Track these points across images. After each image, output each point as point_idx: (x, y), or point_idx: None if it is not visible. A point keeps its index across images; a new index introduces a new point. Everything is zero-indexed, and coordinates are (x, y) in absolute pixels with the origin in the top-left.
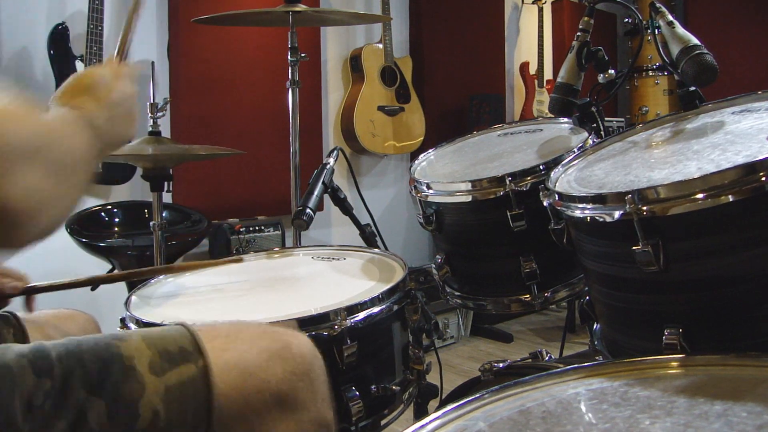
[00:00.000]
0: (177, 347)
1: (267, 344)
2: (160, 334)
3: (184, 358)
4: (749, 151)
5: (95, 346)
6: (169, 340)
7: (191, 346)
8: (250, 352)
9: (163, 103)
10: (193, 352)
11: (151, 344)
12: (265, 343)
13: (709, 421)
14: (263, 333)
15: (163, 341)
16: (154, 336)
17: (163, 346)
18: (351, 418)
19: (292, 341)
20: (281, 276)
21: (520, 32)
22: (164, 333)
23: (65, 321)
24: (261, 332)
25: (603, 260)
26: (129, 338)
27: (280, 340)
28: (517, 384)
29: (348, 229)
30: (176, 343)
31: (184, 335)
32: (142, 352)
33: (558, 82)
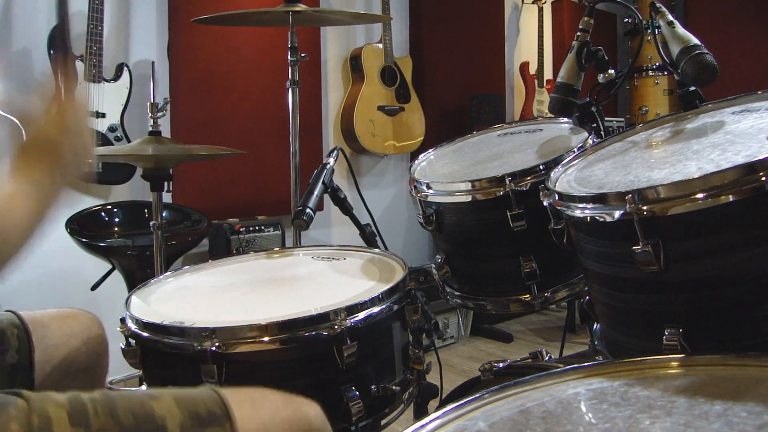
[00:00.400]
0: (207, 410)
1: (287, 414)
2: (191, 396)
3: (214, 422)
4: (749, 151)
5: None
6: (200, 403)
7: (220, 410)
8: (273, 421)
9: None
10: (221, 417)
11: (182, 405)
12: (286, 413)
13: (709, 421)
14: (285, 403)
15: (194, 403)
16: (186, 397)
17: (194, 409)
18: (351, 418)
19: (310, 413)
20: (281, 276)
21: (520, 32)
22: (195, 395)
23: (68, 321)
24: (283, 402)
25: (603, 260)
26: (161, 398)
27: (301, 411)
28: (517, 384)
29: (348, 229)
30: (206, 407)
31: (214, 399)
32: (173, 412)
33: (558, 82)
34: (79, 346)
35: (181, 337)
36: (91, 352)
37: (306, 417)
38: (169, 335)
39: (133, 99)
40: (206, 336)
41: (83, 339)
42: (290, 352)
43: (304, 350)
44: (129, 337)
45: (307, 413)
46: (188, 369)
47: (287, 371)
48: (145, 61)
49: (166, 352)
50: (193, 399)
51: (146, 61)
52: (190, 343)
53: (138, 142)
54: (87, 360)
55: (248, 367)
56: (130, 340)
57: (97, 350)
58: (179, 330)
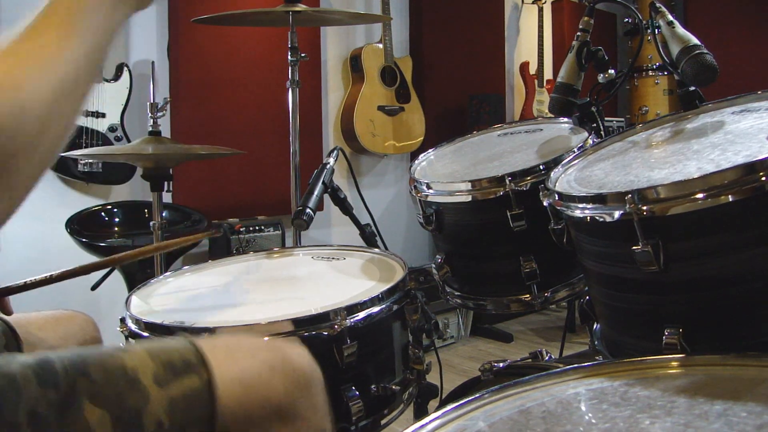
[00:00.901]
0: (181, 359)
1: (268, 358)
2: (163, 347)
3: (188, 370)
4: (749, 151)
5: (99, 358)
6: (173, 353)
7: (195, 358)
8: (252, 365)
9: (163, 103)
10: (197, 364)
11: (155, 356)
12: (267, 356)
13: (709, 421)
14: (264, 346)
15: (167, 353)
16: (158, 348)
17: (167, 358)
18: (351, 418)
19: (293, 355)
20: (281, 276)
21: (520, 32)
22: (168, 345)
23: (63, 322)
24: (262, 346)
25: (603, 260)
26: (133, 350)
27: (280, 353)
28: (517, 384)
29: (348, 229)
30: (180, 356)
31: (187, 348)
32: (146, 363)
33: (558, 82)
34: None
35: None
36: None
37: (287, 358)
38: (170, 335)
39: (133, 99)
40: (206, 336)
41: (79, 341)
42: None
43: None
44: (129, 337)
45: (288, 354)
46: None
47: None
48: (145, 61)
49: None
50: (166, 349)
51: (146, 61)
52: None
53: (138, 142)
54: None
55: None
56: (130, 340)
57: None
58: (179, 330)
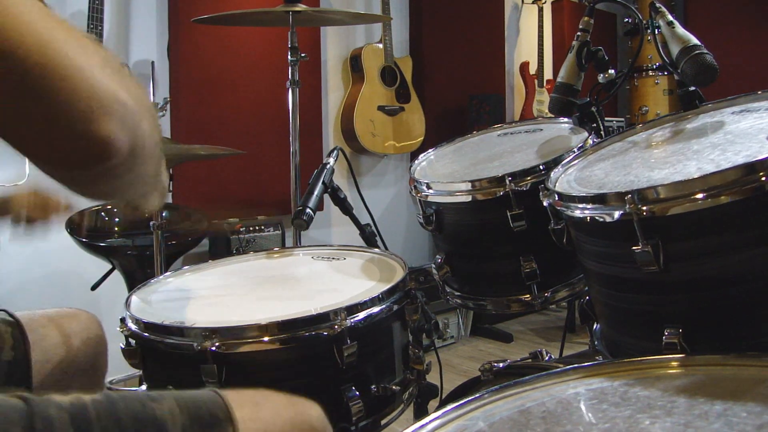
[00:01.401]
0: (209, 413)
1: (289, 416)
2: (193, 399)
3: (216, 424)
4: (749, 151)
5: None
6: (201, 405)
7: (222, 413)
8: (275, 424)
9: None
10: (223, 420)
11: (183, 408)
12: (288, 415)
13: (709, 421)
14: (287, 404)
15: (196, 406)
16: (188, 400)
17: (195, 411)
18: (351, 418)
19: (312, 414)
20: (281, 276)
21: (520, 32)
22: (197, 397)
23: (67, 320)
24: (285, 403)
25: (603, 260)
26: (163, 400)
27: (302, 413)
28: (517, 384)
29: (348, 229)
30: (208, 409)
31: (215, 401)
32: (175, 415)
33: (558, 82)
34: (79, 345)
35: (182, 337)
36: (90, 352)
37: (308, 419)
38: (170, 335)
39: None
40: (206, 336)
41: (82, 339)
42: (290, 352)
43: (304, 350)
44: (129, 337)
45: (309, 415)
46: (188, 369)
47: (287, 371)
48: (145, 61)
49: (166, 352)
50: (195, 401)
51: (146, 61)
52: (190, 343)
53: None
54: (86, 360)
55: (248, 367)
56: (130, 340)
57: (96, 350)
58: (179, 330)
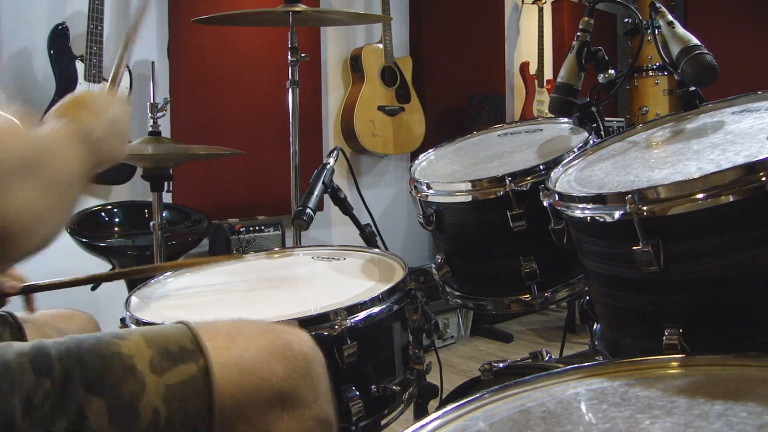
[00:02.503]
0: (177, 346)
1: (268, 342)
2: (160, 333)
3: (185, 356)
4: (749, 151)
5: (95, 345)
6: (170, 339)
7: (192, 344)
8: (250, 350)
9: (163, 103)
10: (193, 350)
11: (151, 343)
12: (266, 341)
13: (709, 421)
14: (264, 331)
15: (164, 340)
16: (155, 334)
17: (163, 345)
18: (351, 418)
19: (293, 339)
20: (281, 276)
21: (520, 32)
22: (165, 331)
23: (65, 321)
24: (262, 330)
25: (603, 260)
26: (129, 337)
27: (281, 338)
28: (517, 384)
29: (348, 229)
30: (177, 342)
31: (184, 334)
32: (142, 350)
33: (558, 82)
34: None
35: None
36: None
37: (287, 342)
38: None
39: (133, 99)
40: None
41: None
42: None
43: None
44: None
45: (288, 339)
46: None
47: None
48: (145, 61)
49: None
50: (163, 335)
51: (146, 61)
52: None
53: (138, 142)
54: None
55: None
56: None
57: None
58: None
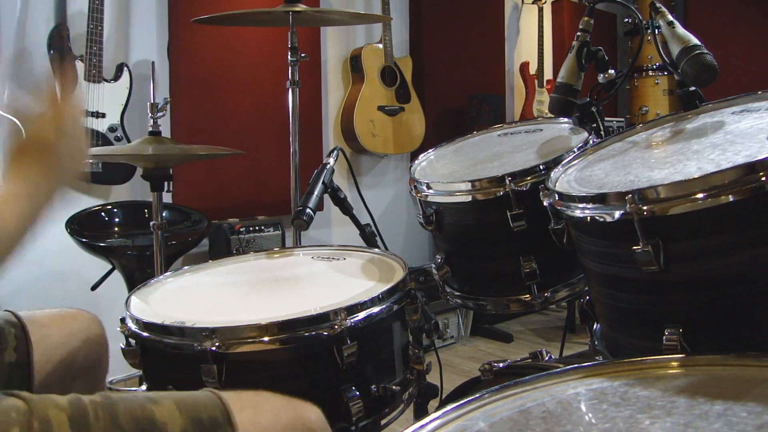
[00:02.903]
0: (208, 415)
1: (288, 418)
2: (192, 400)
3: (215, 427)
4: (749, 151)
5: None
6: (201, 408)
7: (221, 415)
8: (274, 426)
9: (163, 103)
10: (223, 422)
11: (183, 411)
12: (287, 417)
13: (709, 421)
14: (286, 407)
15: (195, 408)
16: (187, 402)
17: (195, 414)
18: (351, 418)
19: (311, 417)
20: (281, 276)
21: (520, 32)
22: (196, 399)
23: (68, 320)
24: (284, 406)
25: (603, 260)
26: (162, 401)
27: (300, 415)
28: (517, 384)
29: (348, 229)
30: (207, 412)
31: (215, 404)
32: (175, 418)
33: (558, 82)
34: (80, 345)
35: (181, 337)
36: (92, 351)
37: (307, 421)
38: (169, 335)
39: (133, 99)
40: (206, 336)
41: (83, 339)
42: (290, 352)
43: (304, 350)
44: (129, 337)
45: (309, 417)
46: (188, 369)
47: (287, 371)
48: (145, 61)
49: (166, 352)
50: (194, 404)
51: (146, 61)
52: (190, 343)
53: (138, 142)
54: (87, 360)
55: (248, 367)
56: (130, 340)
57: (97, 350)
58: (179, 330)
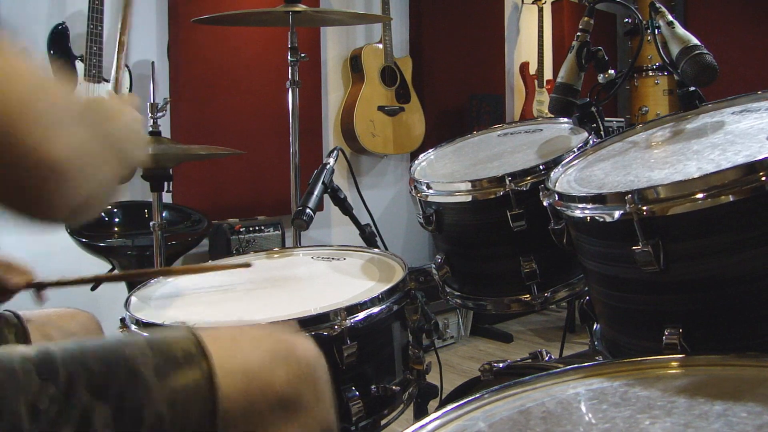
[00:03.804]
0: (181, 351)
1: (271, 347)
2: (164, 338)
3: (189, 361)
4: (749, 151)
5: (100, 350)
6: (174, 344)
7: (196, 349)
8: (254, 355)
9: (163, 103)
10: (197, 355)
11: (155, 348)
12: (269, 346)
13: (709, 421)
14: (267, 336)
15: (168, 345)
16: (159, 340)
17: (168, 350)
18: (351, 418)
19: (296, 344)
20: (281, 276)
21: (520, 32)
22: (169, 336)
23: (67, 320)
24: (265, 335)
25: (603, 260)
26: (134, 342)
27: (283, 342)
28: (517, 384)
29: (348, 229)
30: (181, 347)
31: (188, 339)
32: (146, 355)
33: (558, 82)
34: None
35: None
36: None
37: (291, 348)
38: None
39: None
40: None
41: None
42: None
43: None
44: None
45: (292, 344)
46: None
47: None
48: (145, 61)
49: None
50: (166, 340)
51: (146, 61)
52: None
53: None
54: None
55: None
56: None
57: None
58: None
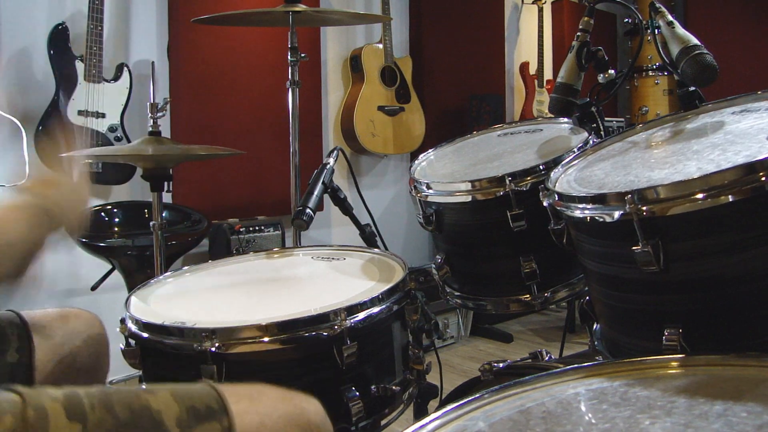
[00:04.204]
0: (204, 405)
1: (286, 410)
2: (188, 391)
3: (211, 416)
4: (749, 151)
5: (126, 397)
6: (197, 398)
7: (217, 405)
8: (270, 417)
9: (163, 103)
10: (218, 411)
11: (179, 400)
12: (285, 408)
13: (709, 421)
14: (283, 398)
15: (191, 398)
16: (182, 392)
17: (190, 403)
18: (351, 418)
19: (310, 409)
20: (281, 276)
21: (520, 32)
22: (192, 390)
23: (69, 320)
24: (281, 397)
25: (603, 260)
26: (158, 392)
27: (298, 407)
28: (517, 384)
29: (348, 229)
30: (203, 401)
31: (210, 394)
32: (170, 406)
33: (558, 82)
34: (81, 345)
35: (181, 338)
36: (93, 351)
37: (304, 412)
38: (169, 336)
39: (133, 99)
40: (206, 336)
41: (84, 338)
42: (290, 352)
43: (304, 350)
44: (129, 337)
45: (306, 409)
46: (188, 369)
47: (287, 371)
48: (145, 61)
49: (166, 352)
50: (190, 394)
51: (146, 61)
52: (190, 344)
53: (138, 142)
54: (88, 359)
55: (248, 367)
56: (130, 341)
57: (98, 350)
58: (179, 330)
